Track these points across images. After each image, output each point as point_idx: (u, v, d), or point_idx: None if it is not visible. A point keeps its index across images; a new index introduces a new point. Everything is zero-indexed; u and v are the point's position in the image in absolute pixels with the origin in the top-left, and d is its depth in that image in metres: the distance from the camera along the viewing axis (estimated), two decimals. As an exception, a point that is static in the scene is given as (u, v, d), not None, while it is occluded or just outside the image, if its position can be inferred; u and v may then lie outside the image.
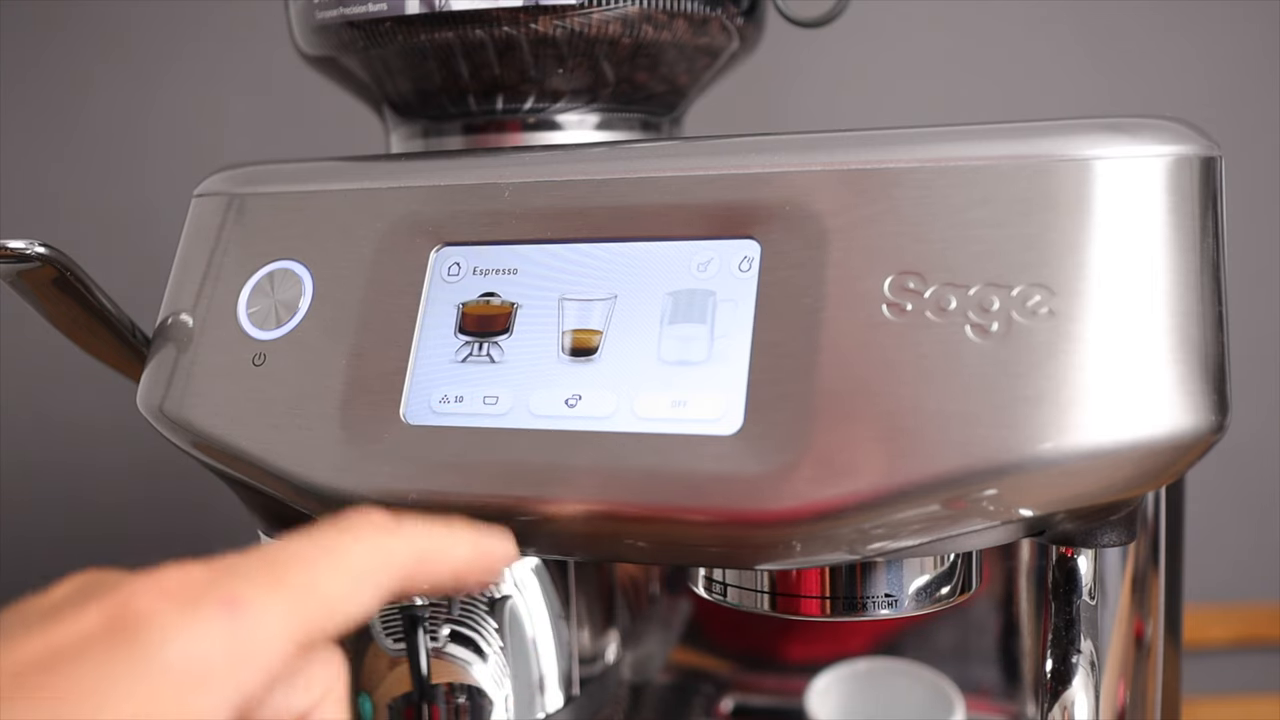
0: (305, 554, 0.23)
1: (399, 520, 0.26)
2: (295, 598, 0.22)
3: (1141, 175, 0.30)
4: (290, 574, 0.23)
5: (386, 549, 0.25)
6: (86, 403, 0.82)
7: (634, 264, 0.34)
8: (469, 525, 0.28)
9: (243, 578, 0.22)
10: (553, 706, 0.46)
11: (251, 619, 0.21)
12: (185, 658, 0.20)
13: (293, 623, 0.22)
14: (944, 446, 0.29)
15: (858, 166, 0.32)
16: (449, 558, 0.27)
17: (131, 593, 0.21)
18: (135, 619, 0.20)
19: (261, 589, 0.22)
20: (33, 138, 0.82)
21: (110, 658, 0.20)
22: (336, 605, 0.23)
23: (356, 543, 0.25)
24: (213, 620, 0.21)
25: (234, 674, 0.21)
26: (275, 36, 0.55)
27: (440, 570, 0.27)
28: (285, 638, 0.22)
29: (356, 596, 0.24)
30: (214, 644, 0.21)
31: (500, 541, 0.29)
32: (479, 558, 0.28)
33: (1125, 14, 0.74)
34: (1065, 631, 0.35)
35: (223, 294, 0.38)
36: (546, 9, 0.39)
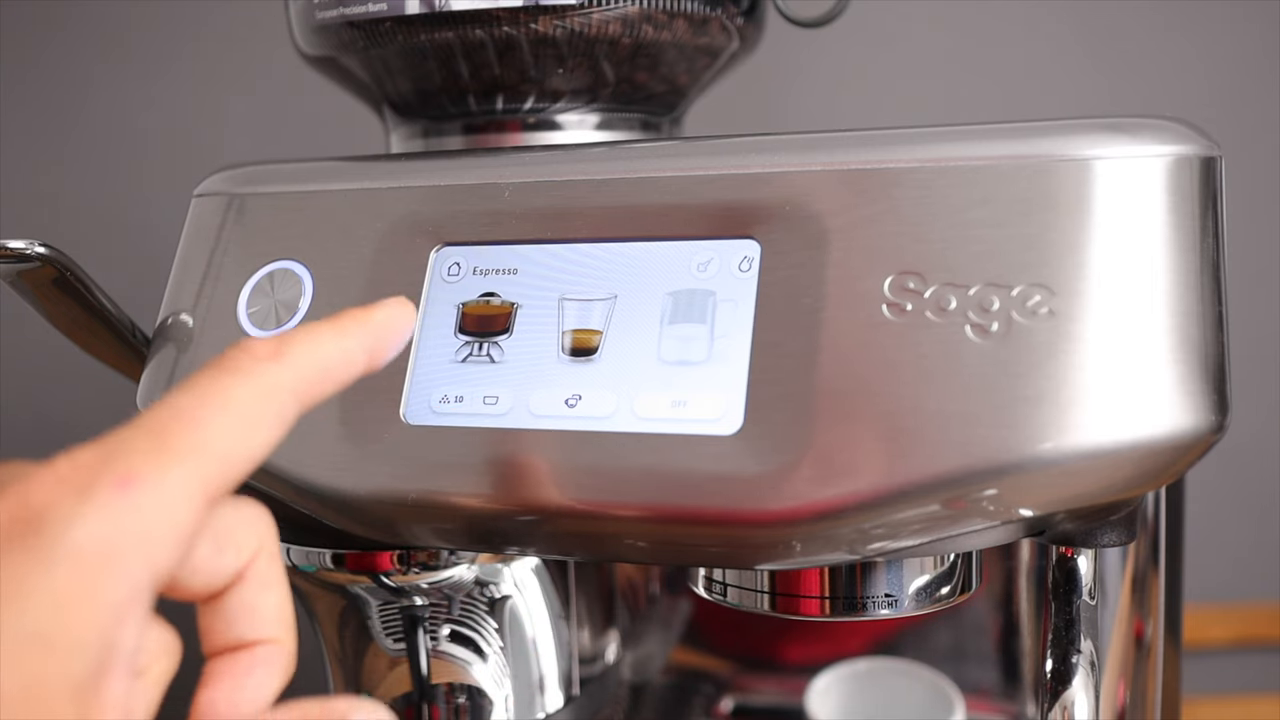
0: (189, 410, 0.23)
1: (277, 341, 0.25)
2: (188, 460, 0.22)
3: (1141, 175, 0.30)
4: (177, 436, 0.22)
5: (272, 381, 0.24)
6: (86, 403, 0.82)
7: (634, 264, 0.34)
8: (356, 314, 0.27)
9: (130, 452, 0.21)
10: (553, 706, 0.46)
11: (148, 492, 0.21)
12: (90, 541, 0.20)
13: (191, 485, 0.22)
14: (944, 446, 0.29)
15: (858, 166, 0.32)
16: (343, 362, 0.26)
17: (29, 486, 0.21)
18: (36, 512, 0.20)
19: (151, 459, 0.21)
20: (33, 138, 0.82)
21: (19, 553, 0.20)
22: (233, 455, 0.23)
23: (239, 384, 0.24)
24: (109, 501, 0.21)
25: (142, 549, 0.21)
26: (275, 36, 0.55)
27: (338, 378, 0.26)
28: (187, 502, 0.22)
29: (252, 440, 0.23)
30: (115, 524, 0.20)
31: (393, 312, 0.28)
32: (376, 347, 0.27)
33: (1125, 14, 0.74)
34: (1065, 631, 0.35)
35: (223, 294, 0.38)
36: (546, 9, 0.39)
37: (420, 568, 0.40)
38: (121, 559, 0.20)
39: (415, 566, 0.40)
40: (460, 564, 0.41)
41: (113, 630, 0.20)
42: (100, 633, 0.20)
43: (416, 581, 0.41)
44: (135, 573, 0.21)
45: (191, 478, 0.22)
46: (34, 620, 0.19)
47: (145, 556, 0.21)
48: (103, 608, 0.20)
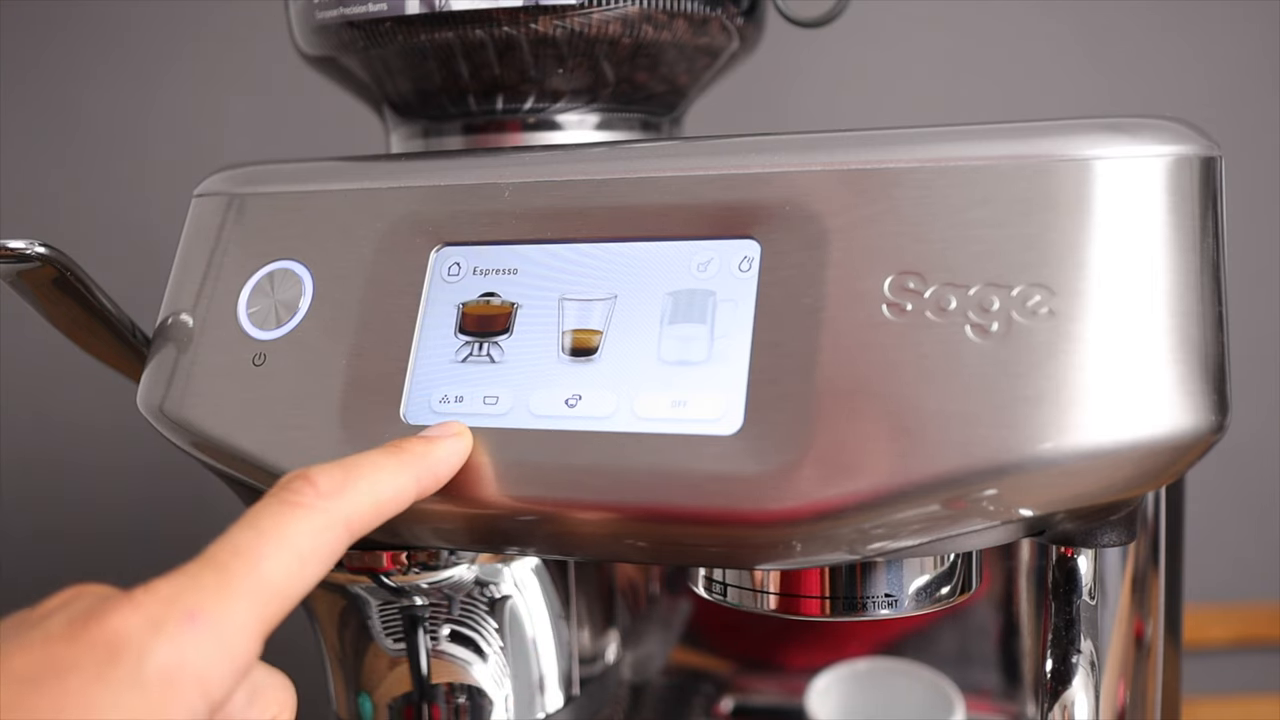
0: (250, 548, 0.25)
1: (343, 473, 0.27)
2: (248, 595, 0.24)
3: (1141, 175, 0.30)
4: (239, 575, 0.24)
5: (331, 517, 0.26)
6: (86, 403, 0.82)
7: (634, 264, 0.34)
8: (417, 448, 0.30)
9: (199, 589, 0.24)
10: (553, 706, 0.46)
11: (212, 626, 0.23)
12: (160, 669, 0.22)
13: (250, 619, 0.24)
14: (944, 446, 0.29)
15: (858, 166, 0.32)
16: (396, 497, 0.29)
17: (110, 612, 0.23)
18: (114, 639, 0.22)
19: (215, 596, 0.24)
20: (33, 138, 0.82)
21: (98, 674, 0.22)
22: (288, 589, 0.25)
23: (299, 520, 0.26)
24: (178, 634, 0.23)
25: (205, 677, 0.23)
26: (275, 36, 0.55)
27: (389, 511, 0.29)
28: (245, 635, 0.24)
29: (306, 573, 0.26)
30: (183, 655, 0.23)
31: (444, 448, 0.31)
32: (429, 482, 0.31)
33: (1125, 14, 0.74)
34: (1065, 631, 0.35)
35: (223, 294, 0.38)
36: (546, 9, 0.39)
37: (420, 568, 0.40)
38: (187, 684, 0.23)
39: (415, 566, 0.40)
40: (460, 564, 0.41)
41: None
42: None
43: (416, 581, 0.41)
44: (195, 700, 0.23)
45: (250, 613, 0.24)
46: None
47: (206, 684, 0.23)
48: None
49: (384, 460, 0.29)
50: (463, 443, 0.32)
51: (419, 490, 0.30)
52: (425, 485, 0.30)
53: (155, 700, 0.22)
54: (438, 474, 0.31)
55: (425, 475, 0.30)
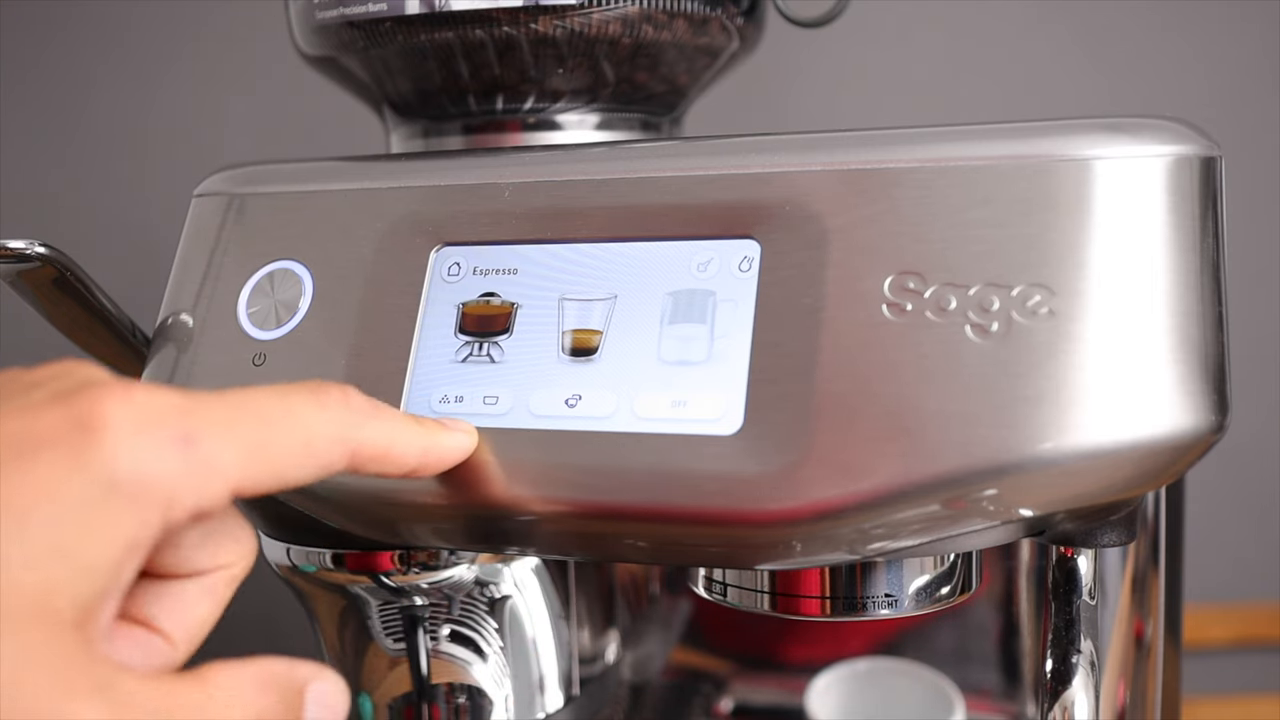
0: (269, 410, 0.24)
1: (373, 407, 0.27)
2: (246, 450, 0.23)
3: (1141, 175, 0.30)
4: (249, 426, 0.24)
5: (347, 430, 0.26)
6: (86, 403, 0.82)
7: (634, 264, 0.34)
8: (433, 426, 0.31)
9: (204, 417, 0.23)
10: (553, 706, 0.46)
11: (200, 458, 0.22)
12: (134, 474, 0.21)
13: (235, 472, 0.23)
14: (944, 446, 0.29)
15: (858, 166, 0.32)
16: (403, 458, 0.29)
17: (99, 396, 0.22)
18: (96, 426, 0.21)
19: (217, 433, 0.23)
20: (33, 138, 0.82)
21: (63, 460, 0.21)
22: (281, 467, 0.24)
23: (320, 415, 0.25)
24: (164, 448, 0.22)
25: (172, 500, 0.22)
26: (275, 36, 0.55)
27: (389, 467, 0.28)
28: (225, 483, 0.23)
29: (303, 464, 0.25)
30: (158, 470, 0.22)
31: (454, 438, 0.31)
32: (430, 462, 0.30)
33: (1125, 14, 0.74)
34: (1065, 631, 0.35)
35: (223, 294, 0.38)
36: (546, 9, 0.39)
37: (420, 568, 0.40)
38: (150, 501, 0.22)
39: (415, 566, 0.40)
40: (460, 564, 0.41)
41: (121, 563, 0.21)
42: (113, 562, 0.21)
43: (416, 581, 0.41)
44: (153, 516, 0.22)
45: (241, 464, 0.23)
46: (62, 532, 0.20)
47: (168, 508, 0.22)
48: (121, 542, 0.21)
49: (405, 420, 0.29)
50: (471, 440, 0.32)
51: (421, 462, 0.30)
52: (428, 462, 0.30)
53: (116, 504, 0.21)
54: (442, 458, 0.31)
55: (431, 452, 0.30)
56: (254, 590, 0.71)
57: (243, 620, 0.77)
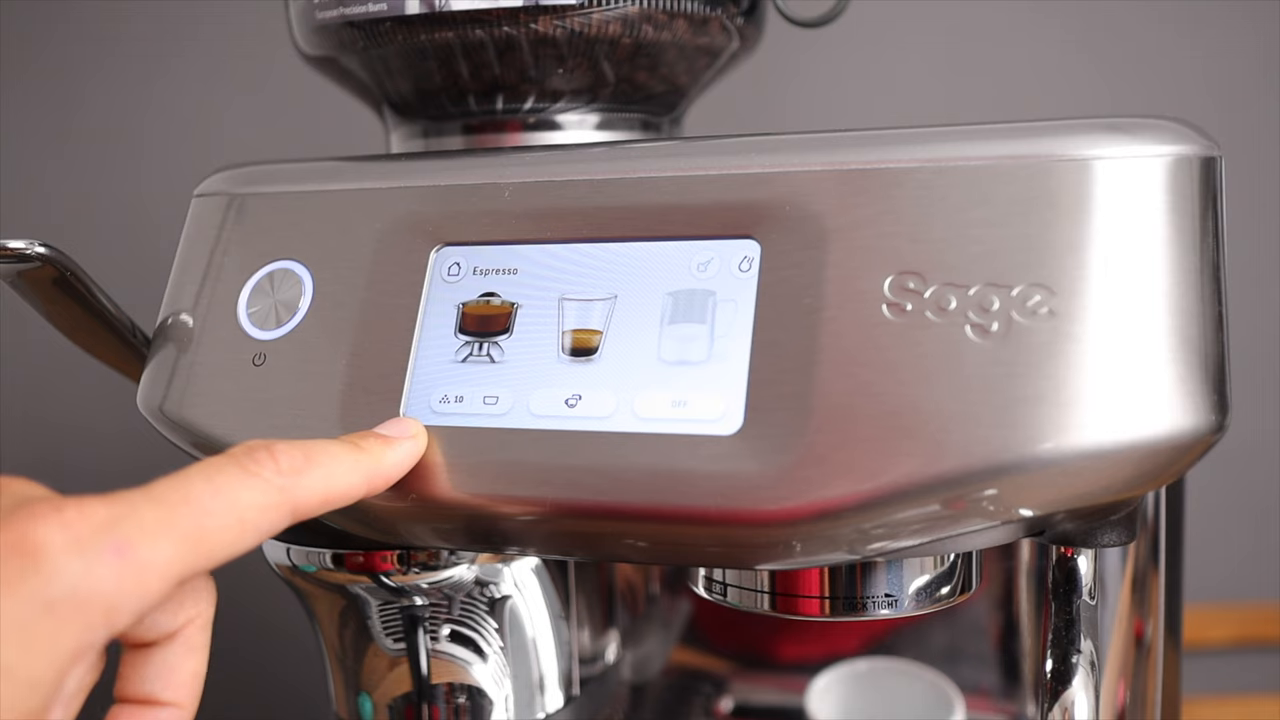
0: (198, 495, 0.25)
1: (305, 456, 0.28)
2: (183, 542, 0.24)
3: (1141, 175, 0.30)
4: (181, 518, 0.24)
5: (279, 494, 0.26)
6: (86, 403, 0.82)
7: (634, 264, 0.34)
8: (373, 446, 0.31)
9: (135, 523, 0.23)
10: (553, 706, 0.46)
11: (137, 562, 0.23)
12: (71, 591, 0.22)
13: (175, 565, 0.24)
14: (944, 446, 0.29)
15: (858, 166, 0.32)
16: (345, 492, 0.29)
17: (32, 521, 0.22)
18: (31, 549, 0.22)
19: (152, 534, 0.23)
20: (33, 138, 0.82)
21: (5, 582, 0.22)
22: (220, 548, 0.25)
23: (252, 490, 0.26)
24: (98, 562, 0.22)
25: (114, 607, 0.23)
26: (275, 36, 0.55)
27: (335, 503, 0.29)
28: (166, 578, 0.24)
29: (240, 541, 0.26)
30: (99, 583, 0.22)
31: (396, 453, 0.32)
32: (378, 481, 0.31)
33: (1125, 14, 0.74)
34: (1065, 631, 0.35)
35: (223, 294, 0.38)
36: (546, 9, 0.39)
37: (420, 568, 0.40)
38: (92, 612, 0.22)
39: (415, 566, 0.40)
40: (460, 564, 0.41)
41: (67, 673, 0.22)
42: (57, 674, 0.22)
43: (416, 581, 0.41)
44: (97, 628, 0.23)
45: (176, 562, 0.24)
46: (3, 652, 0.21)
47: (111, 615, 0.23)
48: (64, 654, 0.22)
49: (342, 454, 0.29)
50: (418, 445, 0.33)
51: (368, 489, 0.30)
52: (375, 486, 0.31)
53: (57, 620, 0.22)
54: (388, 476, 0.31)
55: (377, 476, 0.31)
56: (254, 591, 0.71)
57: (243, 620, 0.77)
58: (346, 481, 0.29)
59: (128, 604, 0.23)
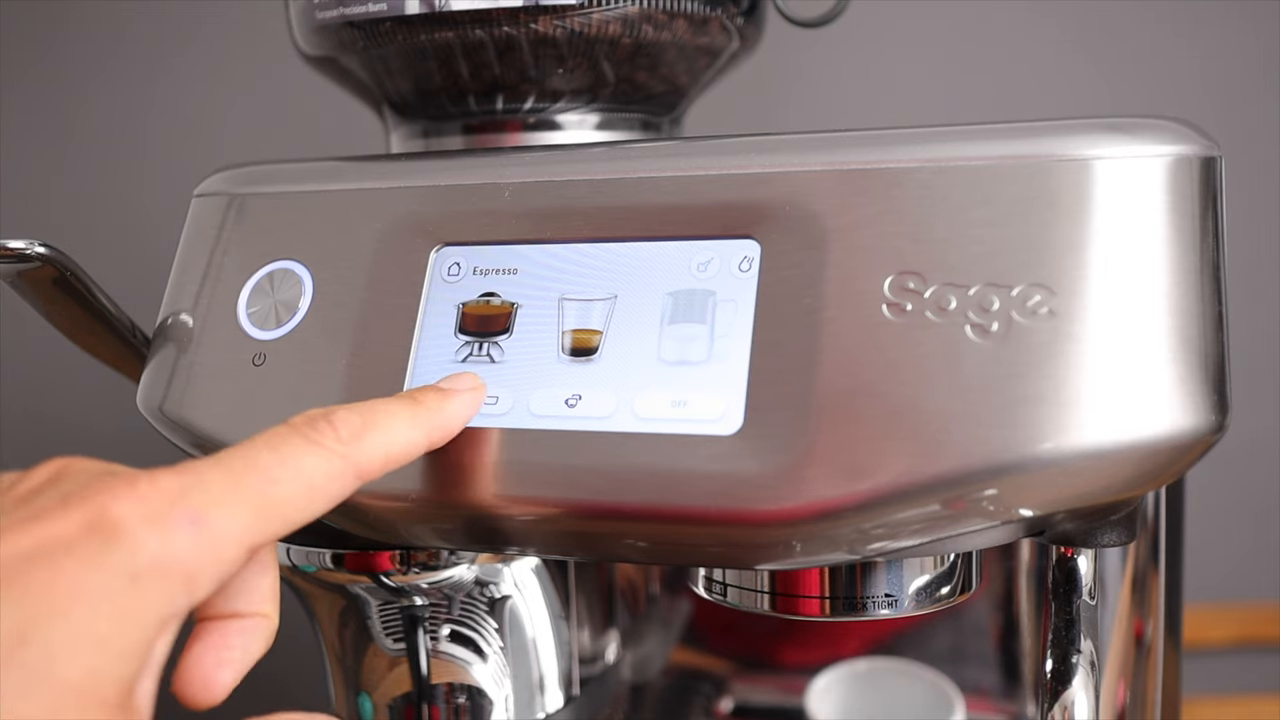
0: (266, 466, 0.25)
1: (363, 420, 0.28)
2: (253, 510, 0.25)
3: (1141, 175, 0.30)
4: (250, 489, 0.25)
5: (343, 461, 0.27)
6: (86, 403, 0.82)
7: (634, 264, 0.34)
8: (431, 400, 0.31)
9: (206, 492, 0.24)
10: (553, 706, 0.46)
11: (212, 532, 0.24)
12: (153, 562, 0.23)
13: (247, 534, 0.25)
14: (944, 446, 0.29)
15: (858, 166, 0.32)
16: (407, 450, 0.29)
17: (108, 497, 0.23)
18: (112, 526, 0.23)
19: (223, 504, 0.24)
20: (33, 138, 0.82)
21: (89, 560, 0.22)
22: (290, 514, 0.26)
23: (316, 458, 0.26)
24: (178, 532, 0.23)
25: (194, 579, 0.24)
26: (275, 36, 0.55)
27: (399, 462, 0.29)
28: (240, 546, 0.25)
29: (310, 508, 0.26)
30: (178, 553, 0.23)
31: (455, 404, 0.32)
32: (438, 436, 0.31)
33: (1125, 14, 0.74)
34: (1065, 631, 0.35)
35: (223, 294, 0.38)
36: (546, 9, 0.39)
37: (420, 568, 0.40)
38: (173, 580, 0.23)
39: (415, 566, 0.40)
40: (460, 564, 0.41)
41: (155, 642, 0.23)
42: (146, 643, 0.23)
43: (416, 581, 0.41)
44: (180, 597, 0.23)
45: (249, 527, 0.25)
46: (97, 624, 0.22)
47: (191, 583, 0.24)
48: (151, 623, 0.23)
49: (400, 411, 0.30)
50: (477, 398, 0.33)
51: (429, 444, 0.31)
52: (435, 440, 0.31)
53: (142, 591, 0.23)
54: (448, 429, 0.32)
55: (436, 430, 0.31)
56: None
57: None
58: (407, 439, 0.29)
59: (207, 571, 0.24)
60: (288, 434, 0.27)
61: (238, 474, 0.25)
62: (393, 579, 0.41)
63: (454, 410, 0.32)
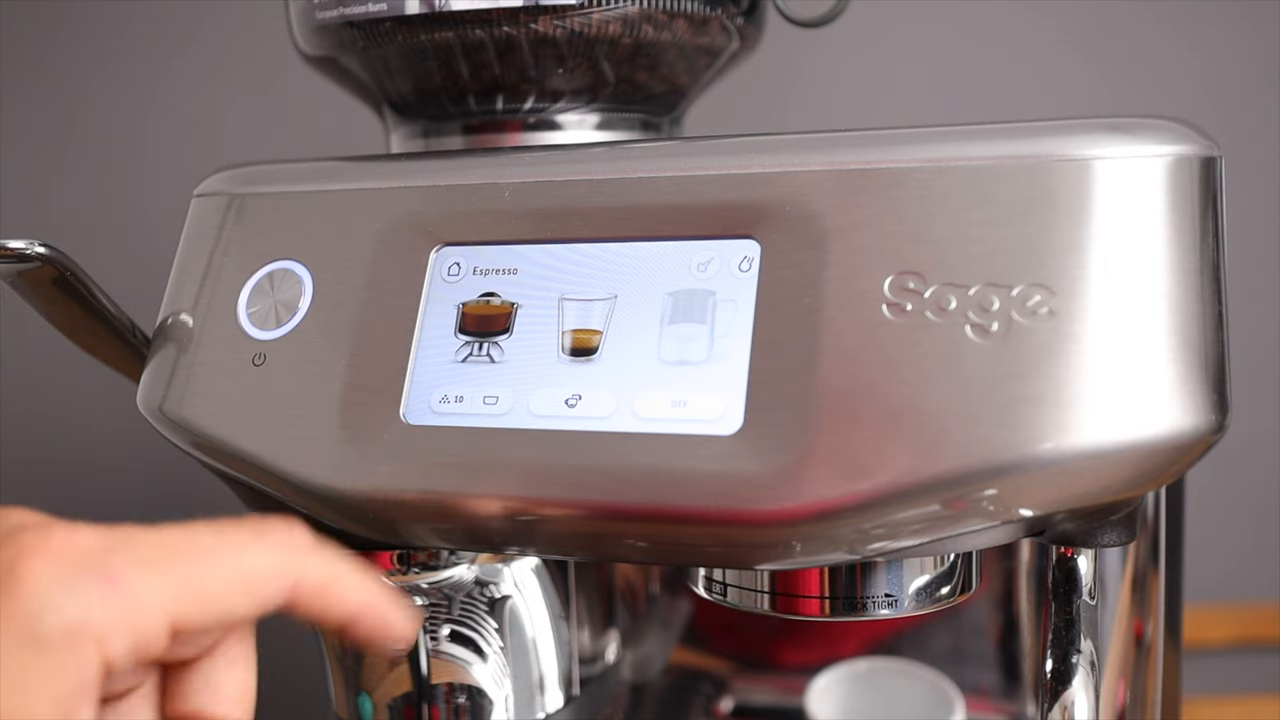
0: (202, 546, 0.24)
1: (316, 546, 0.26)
2: (175, 586, 0.23)
3: (1141, 175, 0.30)
4: (178, 563, 0.23)
5: (286, 565, 0.25)
6: (86, 403, 0.82)
7: (634, 264, 0.34)
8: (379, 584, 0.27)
9: (129, 555, 0.23)
10: (553, 706, 0.46)
11: (126, 596, 0.22)
12: (62, 626, 0.21)
13: (169, 606, 0.23)
14: (944, 446, 0.29)
15: (858, 166, 0.32)
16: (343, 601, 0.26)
17: (19, 551, 0.22)
18: (19, 584, 0.21)
19: (144, 570, 0.23)
20: (33, 138, 0.82)
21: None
22: (215, 602, 0.24)
23: (258, 551, 0.25)
24: (86, 593, 0.22)
25: (105, 640, 0.22)
26: (275, 36, 0.55)
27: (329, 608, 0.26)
28: (158, 617, 0.23)
29: (238, 599, 0.24)
30: (82, 615, 0.22)
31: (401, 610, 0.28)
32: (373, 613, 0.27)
33: (1125, 14, 0.74)
34: (1065, 631, 0.35)
35: (223, 294, 0.38)
36: (546, 9, 0.39)
37: (420, 568, 0.40)
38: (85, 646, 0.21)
39: (415, 566, 0.40)
40: (460, 564, 0.41)
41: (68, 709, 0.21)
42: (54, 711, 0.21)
43: (416, 581, 0.41)
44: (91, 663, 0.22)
45: (170, 602, 0.23)
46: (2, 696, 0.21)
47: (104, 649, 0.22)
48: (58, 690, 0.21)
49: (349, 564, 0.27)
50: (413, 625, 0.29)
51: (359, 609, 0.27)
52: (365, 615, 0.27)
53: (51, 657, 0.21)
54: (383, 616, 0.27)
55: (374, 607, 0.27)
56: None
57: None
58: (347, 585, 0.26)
59: (121, 638, 0.22)
60: (237, 526, 0.25)
61: (169, 547, 0.23)
62: (393, 579, 0.41)
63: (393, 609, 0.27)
